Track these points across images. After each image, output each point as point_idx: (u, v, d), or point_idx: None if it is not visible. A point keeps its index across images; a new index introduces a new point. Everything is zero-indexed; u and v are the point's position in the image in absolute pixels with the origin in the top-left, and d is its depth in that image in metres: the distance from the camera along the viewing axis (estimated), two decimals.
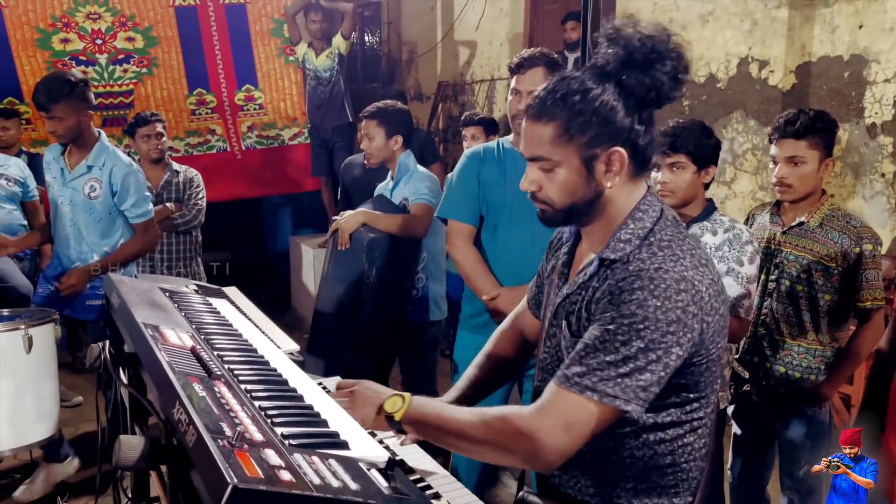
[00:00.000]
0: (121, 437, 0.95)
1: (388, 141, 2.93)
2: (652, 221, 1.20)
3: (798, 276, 2.21)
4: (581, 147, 1.16)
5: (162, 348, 1.18)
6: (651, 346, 1.09)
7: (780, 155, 2.19)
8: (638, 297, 1.10)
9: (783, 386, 2.26)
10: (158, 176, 3.65)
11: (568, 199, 1.19)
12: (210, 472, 0.81)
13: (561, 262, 1.34)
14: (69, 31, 4.30)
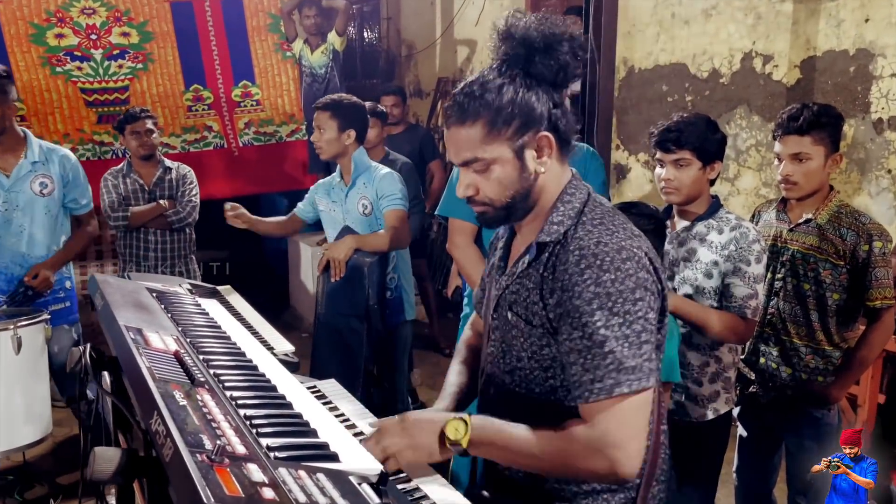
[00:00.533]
0: (96, 450, 0.89)
1: (341, 135, 2.82)
2: (581, 202, 1.23)
3: (805, 275, 2.16)
4: (509, 139, 1.19)
5: (143, 353, 1.13)
6: (628, 318, 1.12)
7: (784, 152, 2.13)
8: (591, 276, 1.13)
9: (790, 388, 2.20)
10: (151, 173, 3.58)
11: (507, 195, 1.21)
12: (186, 491, 0.75)
13: (498, 258, 1.36)
14: (63, 26, 4.24)
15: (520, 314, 1.23)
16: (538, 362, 1.23)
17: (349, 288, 2.67)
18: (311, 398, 1.24)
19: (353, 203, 2.88)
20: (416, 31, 6.92)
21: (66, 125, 4.31)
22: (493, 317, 1.31)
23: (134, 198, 3.56)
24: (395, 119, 4.58)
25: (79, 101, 4.30)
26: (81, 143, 4.35)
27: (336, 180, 2.95)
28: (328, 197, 2.98)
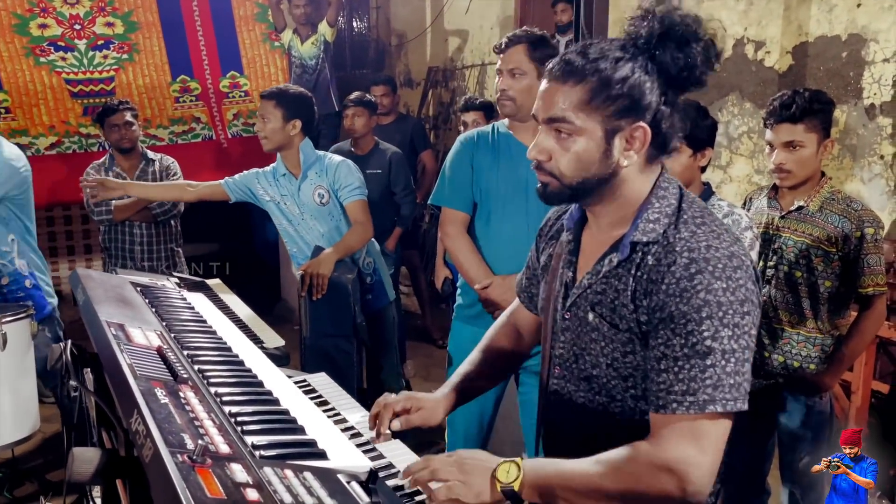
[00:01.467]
0: (74, 451, 0.86)
1: (286, 125, 2.75)
2: (676, 199, 1.14)
3: (797, 262, 2.14)
4: (606, 117, 1.09)
5: (125, 349, 1.10)
6: (738, 331, 1.04)
7: (776, 140, 2.11)
8: (701, 283, 1.04)
9: (782, 375, 2.19)
10: (133, 165, 3.53)
11: (580, 174, 1.12)
12: (166, 494, 0.72)
13: (567, 251, 1.25)
14: (47, 16, 4.17)
15: (604, 316, 1.14)
16: (617, 370, 1.15)
17: (333, 308, 2.60)
18: (299, 394, 1.21)
19: (307, 195, 2.81)
20: (405, 21, 6.86)
21: (52, 117, 4.25)
22: (566, 316, 1.22)
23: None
24: (384, 109, 4.53)
25: (64, 93, 4.24)
26: (67, 136, 4.29)
27: (281, 172, 2.85)
28: (275, 188, 2.88)
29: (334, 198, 2.81)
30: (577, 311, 1.19)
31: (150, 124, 4.49)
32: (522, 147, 2.28)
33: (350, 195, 2.78)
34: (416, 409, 1.35)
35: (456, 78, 6.32)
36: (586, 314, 1.17)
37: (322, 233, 2.83)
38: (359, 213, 2.78)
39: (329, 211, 2.82)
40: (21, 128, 4.19)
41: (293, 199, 2.85)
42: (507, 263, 2.22)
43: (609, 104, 1.09)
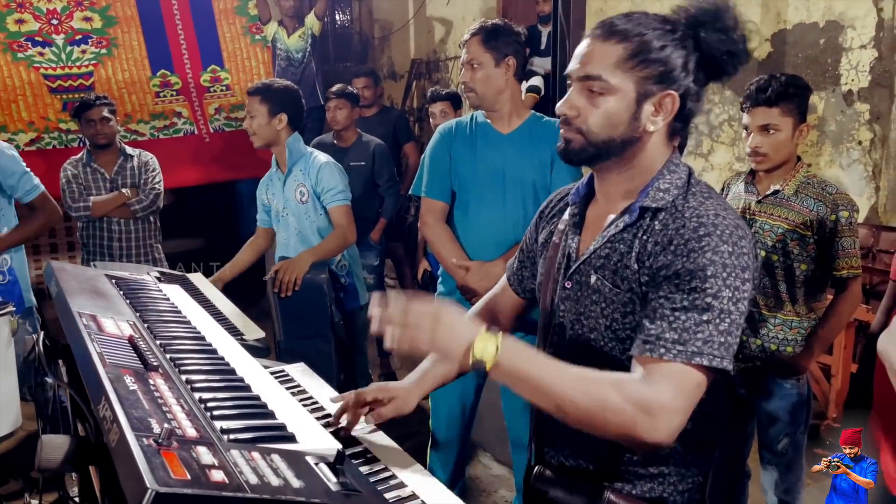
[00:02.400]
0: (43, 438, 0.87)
1: (272, 119, 2.72)
2: (685, 174, 1.18)
3: (773, 246, 2.16)
4: (641, 80, 1.12)
5: (95, 339, 1.10)
6: (737, 294, 1.07)
7: (752, 124, 2.13)
8: (708, 244, 1.07)
9: (759, 358, 2.22)
10: (111, 161, 3.50)
11: (607, 132, 1.14)
12: (131, 475, 0.73)
13: (571, 224, 1.27)
14: (23, 11, 4.13)
15: (606, 277, 1.17)
16: (615, 332, 1.17)
17: (310, 309, 2.57)
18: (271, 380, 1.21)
19: (290, 191, 2.80)
20: (388, 13, 6.84)
21: (31, 113, 4.21)
22: (567, 286, 1.23)
23: (95, 187, 3.48)
24: (367, 101, 4.53)
25: (42, 88, 4.20)
26: (47, 132, 4.25)
27: (273, 170, 2.87)
28: (269, 190, 2.90)
29: (314, 198, 2.78)
30: (579, 277, 1.21)
31: (131, 119, 4.47)
32: (500, 136, 2.29)
33: (333, 199, 2.76)
34: (387, 399, 1.36)
35: (440, 70, 6.31)
36: (588, 278, 1.19)
37: (297, 230, 2.82)
38: (342, 218, 2.76)
39: (306, 210, 2.80)
40: (0, 124, 4.16)
41: (279, 196, 2.85)
42: (484, 251, 2.24)
43: (645, 67, 1.12)
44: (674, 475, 1.19)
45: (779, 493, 2.28)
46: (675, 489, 1.20)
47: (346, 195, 2.79)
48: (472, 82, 2.22)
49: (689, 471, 1.20)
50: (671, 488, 1.20)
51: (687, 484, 1.20)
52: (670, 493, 1.19)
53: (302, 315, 2.56)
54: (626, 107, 1.13)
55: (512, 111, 2.27)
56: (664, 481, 1.19)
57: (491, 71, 2.20)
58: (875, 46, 3.45)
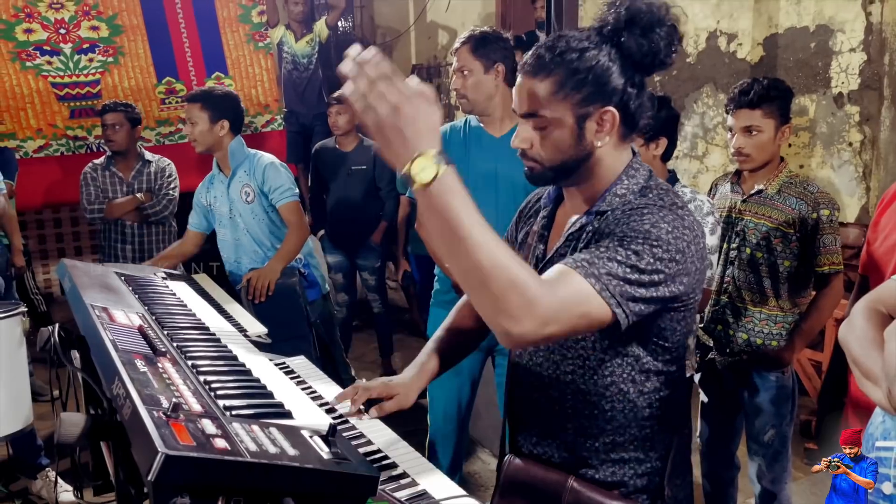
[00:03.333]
0: (62, 415, 0.95)
1: (213, 126, 2.79)
2: (644, 179, 1.24)
3: (758, 244, 2.24)
4: (575, 105, 1.18)
5: (108, 328, 1.18)
6: (658, 265, 1.10)
7: (736, 125, 2.21)
8: (650, 219, 1.12)
9: (746, 352, 2.29)
10: (129, 166, 3.62)
11: (558, 157, 1.21)
12: (143, 443, 0.81)
13: (540, 225, 1.35)
14: (32, 21, 4.22)
15: None
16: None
17: (285, 311, 2.67)
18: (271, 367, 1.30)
19: (235, 192, 2.87)
20: (389, 19, 6.93)
21: (39, 120, 4.30)
22: None
23: (112, 191, 3.60)
24: None
25: (50, 96, 4.29)
26: (55, 139, 4.35)
27: (215, 173, 2.94)
28: (210, 193, 2.97)
29: (260, 197, 2.85)
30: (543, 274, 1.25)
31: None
32: (492, 139, 2.37)
33: (282, 197, 2.83)
34: (388, 396, 1.42)
35: (440, 75, 6.40)
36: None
37: (246, 229, 2.89)
38: (292, 215, 2.83)
39: (252, 209, 2.87)
40: (9, 131, 4.25)
41: (224, 199, 2.91)
42: None
43: (576, 93, 1.17)
44: (633, 460, 1.26)
45: (765, 482, 2.35)
46: (635, 472, 1.26)
47: (293, 192, 2.86)
48: (464, 89, 2.31)
49: (647, 456, 1.27)
50: (631, 472, 1.26)
51: (646, 468, 1.27)
52: (630, 476, 1.26)
53: (279, 318, 2.60)
54: (569, 132, 1.19)
55: (504, 115, 2.35)
56: (624, 466, 1.26)
57: (481, 77, 2.29)
58: (864, 49, 3.53)
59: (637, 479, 1.27)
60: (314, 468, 0.86)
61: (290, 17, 5.48)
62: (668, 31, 1.17)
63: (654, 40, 1.16)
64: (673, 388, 1.27)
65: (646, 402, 1.24)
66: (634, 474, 1.27)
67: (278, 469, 0.84)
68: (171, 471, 0.78)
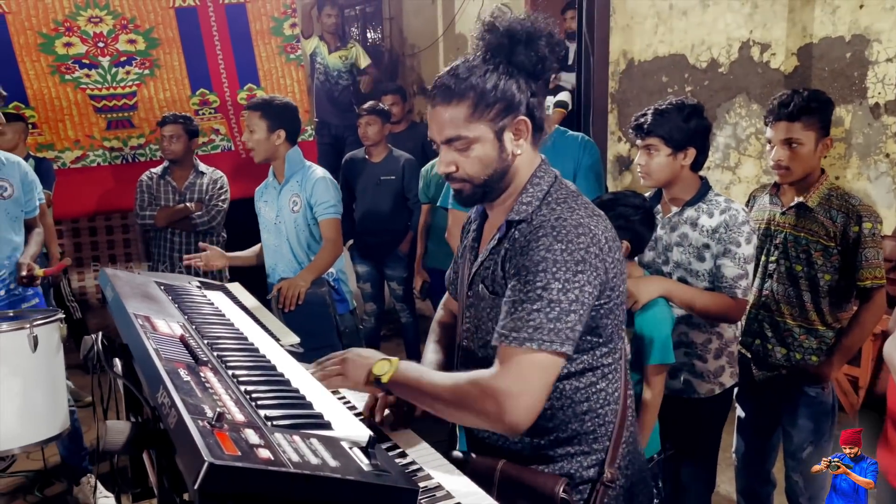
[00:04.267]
0: (107, 423, 0.96)
1: (270, 135, 2.86)
2: (548, 184, 1.33)
3: (798, 257, 2.20)
4: (491, 120, 1.27)
5: (150, 337, 1.20)
6: (567, 286, 1.19)
7: (775, 138, 2.18)
8: (543, 244, 1.22)
9: (785, 367, 2.25)
10: (184, 176, 3.75)
11: (486, 173, 1.30)
12: (189, 452, 0.82)
13: (471, 239, 1.44)
14: (71, 35, 4.32)
15: (487, 287, 1.33)
16: None
17: (315, 321, 2.73)
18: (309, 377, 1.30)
19: (284, 200, 2.94)
20: (418, 30, 6.99)
21: (77, 132, 4.40)
22: (468, 294, 1.39)
23: (165, 199, 3.71)
24: (396, 118, 4.66)
25: (88, 108, 4.39)
26: (92, 149, 4.44)
27: (270, 179, 3.01)
28: (262, 198, 3.05)
29: (306, 208, 2.91)
30: (475, 288, 1.37)
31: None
32: None
33: (325, 212, 2.89)
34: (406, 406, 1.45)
35: None
36: (479, 288, 1.35)
37: (287, 237, 2.95)
38: (331, 231, 2.90)
39: (296, 220, 2.93)
40: (48, 142, 4.35)
41: (273, 204, 2.98)
42: None
43: (490, 110, 1.27)
44: (579, 454, 1.33)
45: (803, 500, 2.31)
46: (581, 465, 1.33)
47: (337, 209, 2.93)
48: None
49: (590, 448, 1.33)
50: (577, 464, 1.33)
51: (592, 461, 1.33)
52: (576, 468, 1.33)
53: (308, 328, 2.64)
54: (491, 146, 1.29)
55: None
56: (571, 460, 1.33)
57: None
58: None
59: (583, 471, 1.34)
60: (355, 480, 0.86)
61: (323, 28, 5.58)
62: (548, 39, 1.27)
63: (538, 51, 1.27)
64: (609, 381, 1.34)
65: (583, 397, 1.32)
66: (580, 467, 1.34)
67: (320, 480, 0.84)
68: (216, 480, 0.79)
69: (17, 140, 3.91)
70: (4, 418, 2.36)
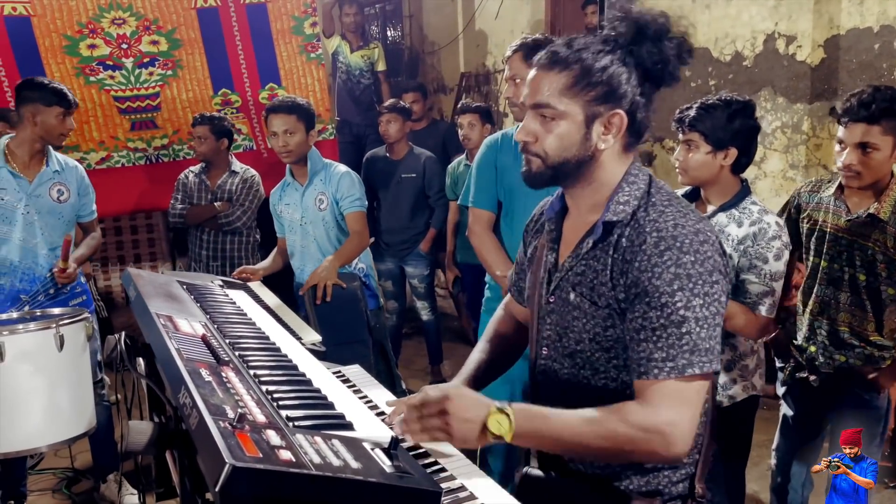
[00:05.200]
0: (130, 423, 0.96)
1: (308, 136, 2.89)
2: (645, 184, 1.24)
3: (861, 266, 2.08)
4: (587, 103, 1.19)
5: (173, 337, 1.20)
6: (707, 299, 1.13)
7: (849, 139, 2.01)
8: (671, 258, 1.14)
9: (840, 374, 2.16)
10: (218, 175, 3.81)
11: (562, 155, 1.22)
12: (210, 453, 0.82)
13: (549, 238, 1.35)
14: (95, 36, 4.37)
15: (584, 295, 1.23)
16: (599, 344, 1.23)
17: (346, 315, 2.73)
18: (330, 376, 1.30)
19: (309, 200, 2.96)
20: (438, 28, 6.97)
21: (101, 133, 4.45)
22: (550, 299, 1.30)
23: (198, 197, 3.77)
24: (416, 115, 4.66)
25: (112, 109, 4.44)
26: (116, 150, 4.49)
27: (288, 181, 3.01)
28: (281, 201, 3.05)
29: (333, 205, 2.94)
30: (560, 293, 1.28)
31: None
32: None
33: (351, 205, 2.92)
34: None
35: (489, 82, 6.39)
36: (568, 295, 1.26)
37: (314, 237, 2.96)
38: (358, 224, 2.92)
39: (323, 217, 2.95)
40: (73, 144, 4.40)
41: (297, 206, 2.99)
42: None
43: (589, 90, 1.19)
44: (668, 468, 1.26)
45: None
46: (670, 480, 1.26)
47: (363, 202, 2.96)
48: (516, 97, 2.29)
49: (680, 462, 1.26)
50: (665, 480, 1.26)
51: (680, 475, 1.26)
52: (665, 484, 1.26)
53: (339, 322, 2.71)
54: (577, 129, 1.20)
55: None
56: (658, 475, 1.25)
57: None
58: None
59: (672, 486, 1.27)
60: (378, 482, 0.85)
61: (344, 27, 5.59)
62: (678, 42, 1.20)
63: (663, 50, 1.19)
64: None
65: None
66: (669, 482, 1.26)
67: (342, 482, 0.83)
68: (237, 482, 0.78)
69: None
70: (32, 417, 2.39)
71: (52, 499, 3.15)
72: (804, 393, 2.26)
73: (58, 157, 2.98)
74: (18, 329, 2.38)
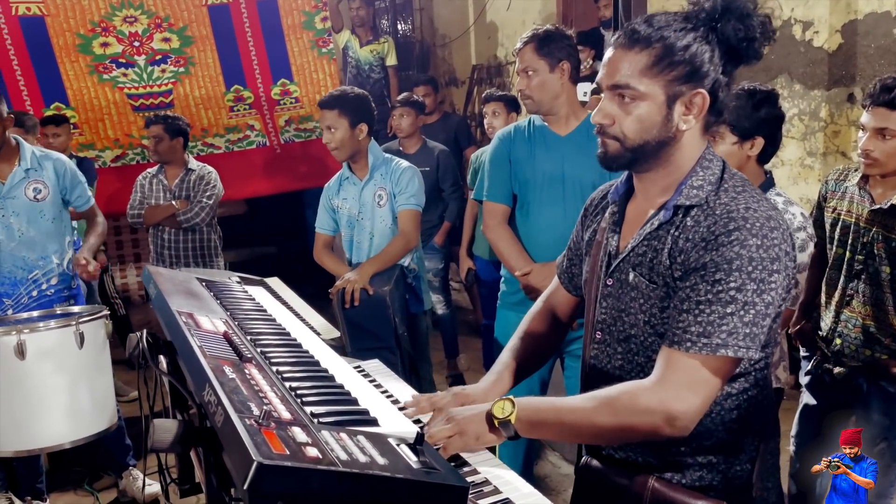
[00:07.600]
0: (154, 421, 0.97)
1: (353, 131, 2.72)
2: (719, 169, 1.21)
3: (886, 259, 2.04)
4: (668, 82, 1.15)
5: (195, 334, 1.21)
6: (762, 286, 1.09)
7: (869, 124, 1.98)
8: (737, 238, 1.10)
9: (867, 367, 2.13)
10: (175, 174, 3.74)
11: (641, 136, 1.18)
12: (237, 451, 0.82)
13: (611, 221, 1.31)
14: (108, 35, 4.40)
15: (643, 274, 1.21)
16: (653, 328, 1.20)
17: (374, 321, 2.62)
18: (352, 372, 1.30)
19: (368, 195, 2.82)
20: (448, 21, 6.94)
21: (116, 131, 4.48)
22: (608, 283, 1.27)
23: (156, 198, 3.72)
24: (428, 108, 4.64)
25: (126, 107, 4.47)
26: (130, 148, 4.52)
27: (346, 175, 2.87)
28: (339, 195, 2.91)
29: (392, 200, 2.81)
30: (619, 275, 1.25)
31: (207, 133, 4.69)
32: (558, 138, 2.33)
33: (406, 202, 2.78)
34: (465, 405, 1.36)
35: (501, 74, 6.37)
36: (627, 276, 1.23)
37: (371, 233, 2.87)
38: (408, 223, 2.78)
39: (382, 214, 2.84)
40: (88, 142, 4.44)
41: (355, 201, 2.86)
42: (545, 251, 2.28)
43: (671, 70, 1.14)
44: (723, 463, 1.22)
45: (871, 496, 2.21)
46: (724, 476, 1.22)
47: (419, 200, 2.82)
48: (529, 90, 2.27)
49: (737, 458, 1.23)
50: (720, 476, 1.22)
51: (735, 472, 1.23)
52: (719, 480, 1.22)
53: (367, 327, 2.61)
54: (658, 110, 1.16)
55: (569, 113, 2.31)
56: (713, 469, 1.22)
57: (546, 77, 2.25)
58: None
59: (725, 482, 1.23)
60: (405, 478, 0.85)
61: (353, 22, 5.59)
62: (763, 20, 1.15)
63: (750, 27, 1.14)
64: (760, 388, 1.23)
65: (733, 404, 1.21)
66: (723, 479, 1.23)
67: (369, 479, 0.83)
68: (265, 480, 0.78)
69: (68, 141, 3.99)
70: (53, 414, 2.41)
71: (74, 495, 3.18)
72: (829, 384, 2.24)
73: (34, 153, 2.83)
74: (39, 327, 2.39)
